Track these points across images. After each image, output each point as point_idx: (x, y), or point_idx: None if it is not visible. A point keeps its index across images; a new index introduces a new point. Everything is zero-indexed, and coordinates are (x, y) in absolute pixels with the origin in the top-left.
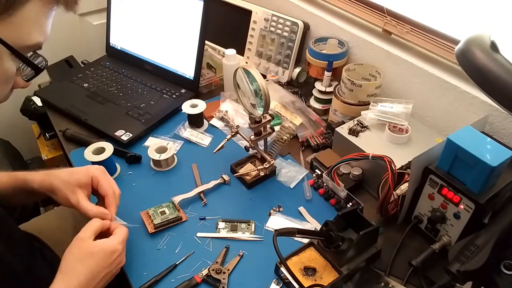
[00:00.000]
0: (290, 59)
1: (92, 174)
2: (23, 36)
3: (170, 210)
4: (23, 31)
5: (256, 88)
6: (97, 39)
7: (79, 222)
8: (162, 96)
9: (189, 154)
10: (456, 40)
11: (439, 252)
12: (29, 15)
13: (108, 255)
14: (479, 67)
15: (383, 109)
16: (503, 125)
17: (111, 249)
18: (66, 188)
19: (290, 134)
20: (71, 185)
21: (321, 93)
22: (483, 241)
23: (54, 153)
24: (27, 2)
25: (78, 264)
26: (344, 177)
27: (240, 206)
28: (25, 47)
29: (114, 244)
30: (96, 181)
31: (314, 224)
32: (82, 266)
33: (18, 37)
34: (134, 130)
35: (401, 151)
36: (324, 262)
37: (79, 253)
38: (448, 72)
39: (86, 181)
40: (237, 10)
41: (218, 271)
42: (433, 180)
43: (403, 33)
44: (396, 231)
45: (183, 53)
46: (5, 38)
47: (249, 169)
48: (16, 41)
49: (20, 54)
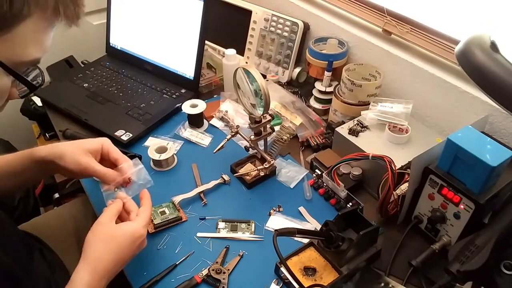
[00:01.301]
0: (290, 59)
1: (102, 142)
2: (19, 53)
3: (170, 210)
4: (19, 47)
5: (256, 88)
6: (97, 39)
7: (79, 222)
8: (162, 96)
9: (189, 154)
10: (456, 40)
11: (439, 252)
12: (26, 32)
13: (133, 239)
14: (479, 67)
15: (383, 109)
16: (503, 125)
17: (136, 234)
18: (76, 150)
19: (290, 134)
20: (82, 148)
21: (321, 93)
22: (483, 241)
23: None
24: (24, 20)
25: (103, 249)
26: (344, 177)
27: (240, 206)
28: (21, 63)
29: (138, 228)
30: (107, 149)
31: (314, 224)
32: (108, 251)
33: (14, 54)
34: (134, 130)
35: (401, 151)
36: (324, 262)
37: (103, 238)
38: (448, 72)
39: (96, 147)
40: (237, 10)
41: (218, 271)
42: (433, 180)
43: (403, 33)
44: (396, 231)
45: (183, 53)
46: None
47: (249, 169)
48: (11, 57)
49: (15, 72)
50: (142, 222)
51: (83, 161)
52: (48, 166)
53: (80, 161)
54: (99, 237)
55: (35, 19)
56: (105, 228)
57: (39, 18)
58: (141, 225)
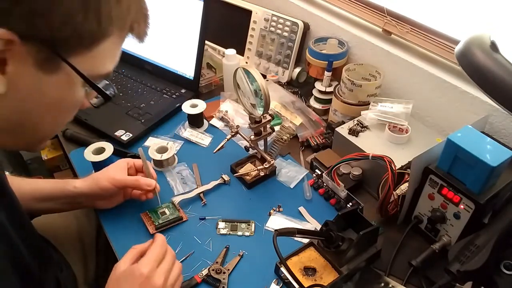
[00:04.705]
0: (290, 59)
1: (127, 161)
2: (98, 67)
3: (171, 210)
4: (99, 62)
5: (256, 88)
6: None
7: (81, 221)
8: (162, 96)
9: (189, 154)
10: (456, 40)
11: (439, 252)
12: (106, 48)
13: (132, 278)
14: (479, 67)
15: (383, 109)
16: (503, 125)
17: (133, 273)
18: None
19: (290, 134)
20: (110, 170)
21: (321, 93)
22: (483, 241)
23: (54, 153)
24: (108, 37)
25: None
26: (344, 177)
27: (240, 206)
28: (98, 76)
29: (137, 267)
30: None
31: (314, 224)
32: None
33: (94, 68)
34: (134, 130)
35: (401, 151)
36: (324, 262)
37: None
38: (448, 72)
39: (122, 166)
40: (237, 10)
41: (218, 271)
42: (433, 180)
43: (403, 33)
44: (396, 231)
45: (183, 53)
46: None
47: (249, 169)
48: (92, 71)
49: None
50: (144, 261)
51: (118, 177)
52: (80, 200)
53: (115, 177)
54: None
55: (115, 36)
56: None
57: (117, 36)
58: (142, 264)
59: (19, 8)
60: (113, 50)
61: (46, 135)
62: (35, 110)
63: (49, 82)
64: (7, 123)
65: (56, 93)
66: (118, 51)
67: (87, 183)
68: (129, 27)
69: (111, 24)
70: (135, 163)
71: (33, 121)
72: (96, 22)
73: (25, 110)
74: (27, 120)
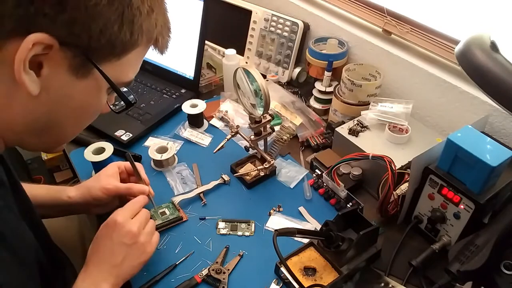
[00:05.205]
0: (290, 59)
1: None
2: (123, 75)
3: (171, 210)
4: (125, 71)
5: (256, 88)
6: None
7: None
8: (162, 96)
9: (189, 154)
10: (456, 40)
11: (439, 252)
12: (132, 58)
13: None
14: (479, 67)
15: (383, 109)
16: (503, 125)
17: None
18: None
19: (290, 134)
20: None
21: (321, 93)
22: (483, 241)
23: (54, 153)
24: (136, 48)
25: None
26: (344, 177)
27: (240, 206)
28: (122, 84)
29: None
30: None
31: (314, 224)
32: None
33: (119, 76)
34: (134, 130)
35: (401, 151)
36: (324, 262)
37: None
38: (448, 72)
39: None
40: (237, 10)
41: (218, 271)
42: (433, 180)
43: (403, 33)
44: (396, 231)
45: (183, 53)
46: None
47: (249, 169)
48: (117, 79)
49: (120, 92)
50: (118, 211)
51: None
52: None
53: (107, 187)
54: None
55: (141, 47)
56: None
57: (144, 47)
58: (117, 214)
59: (62, 15)
60: (137, 59)
61: (67, 138)
62: (62, 113)
63: (79, 86)
64: (36, 125)
65: (83, 98)
66: (140, 61)
67: (80, 192)
68: (154, 40)
69: (141, 36)
70: (125, 166)
71: (59, 123)
72: (129, 33)
73: (53, 112)
74: (53, 123)
